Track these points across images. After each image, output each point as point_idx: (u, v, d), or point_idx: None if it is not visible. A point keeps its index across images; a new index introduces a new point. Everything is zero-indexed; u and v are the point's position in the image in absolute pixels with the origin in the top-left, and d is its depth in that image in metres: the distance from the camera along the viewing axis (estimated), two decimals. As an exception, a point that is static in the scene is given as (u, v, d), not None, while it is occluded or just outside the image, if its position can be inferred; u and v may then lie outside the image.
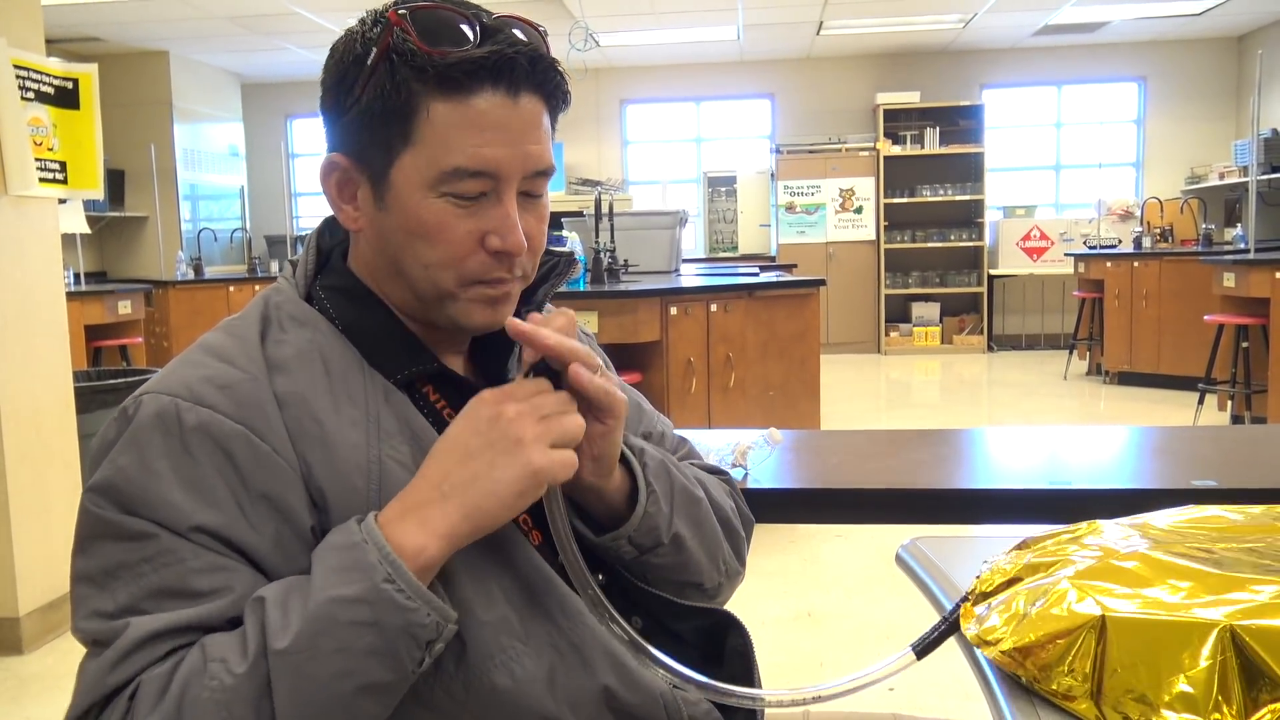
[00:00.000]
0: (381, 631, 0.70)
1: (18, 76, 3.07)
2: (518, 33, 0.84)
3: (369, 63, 0.80)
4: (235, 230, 9.78)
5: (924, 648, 0.77)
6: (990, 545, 0.92)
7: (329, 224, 0.94)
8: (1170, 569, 0.69)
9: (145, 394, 0.79)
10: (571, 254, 0.99)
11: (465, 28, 0.81)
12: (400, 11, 0.81)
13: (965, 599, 0.79)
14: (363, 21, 0.83)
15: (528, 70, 0.81)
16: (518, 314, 0.93)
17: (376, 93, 0.80)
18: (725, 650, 0.96)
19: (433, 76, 0.79)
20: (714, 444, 1.58)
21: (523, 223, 0.84)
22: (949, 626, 0.78)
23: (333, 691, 0.69)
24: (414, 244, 0.83)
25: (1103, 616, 0.64)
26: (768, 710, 1.00)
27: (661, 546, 0.90)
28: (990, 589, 0.77)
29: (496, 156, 0.81)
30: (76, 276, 6.36)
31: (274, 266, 9.22)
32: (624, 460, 0.89)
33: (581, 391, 0.80)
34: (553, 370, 0.81)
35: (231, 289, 8.20)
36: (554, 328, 0.81)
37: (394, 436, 0.83)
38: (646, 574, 0.93)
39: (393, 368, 0.87)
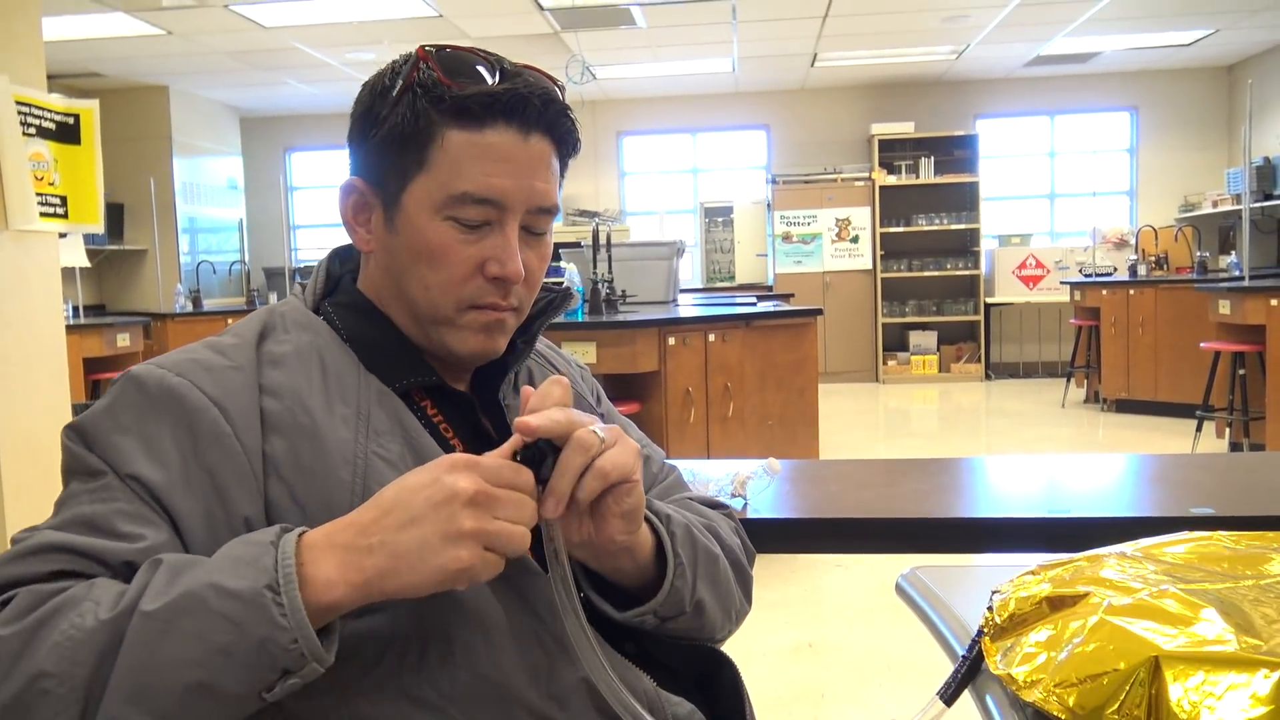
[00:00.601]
0: (242, 635, 0.67)
1: (19, 112, 3.10)
2: (535, 79, 0.89)
3: (395, 93, 0.87)
4: (234, 263, 9.81)
5: (950, 694, 0.75)
6: (991, 574, 0.93)
7: (339, 253, 0.98)
8: (1203, 608, 0.66)
9: (144, 364, 0.85)
10: (568, 290, 1.02)
11: (485, 69, 0.88)
12: (428, 49, 0.87)
13: (982, 633, 0.76)
14: (394, 61, 0.90)
15: (540, 110, 0.87)
16: (512, 344, 0.96)
17: (398, 120, 0.86)
18: (719, 683, 0.96)
19: (450, 107, 0.85)
20: (713, 474, 1.58)
21: (523, 257, 0.88)
22: (971, 666, 0.76)
23: (173, 677, 0.67)
24: (418, 265, 0.88)
25: (1156, 657, 0.61)
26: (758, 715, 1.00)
27: (683, 614, 0.91)
28: (1007, 623, 0.74)
29: (503, 186, 0.86)
30: (75, 309, 6.37)
31: (272, 298, 9.24)
32: (650, 524, 0.89)
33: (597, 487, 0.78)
34: (553, 447, 0.77)
35: (230, 321, 8.16)
36: (553, 401, 0.78)
37: (383, 435, 0.85)
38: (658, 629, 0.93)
39: (391, 376, 0.89)
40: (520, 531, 0.73)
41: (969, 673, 0.75)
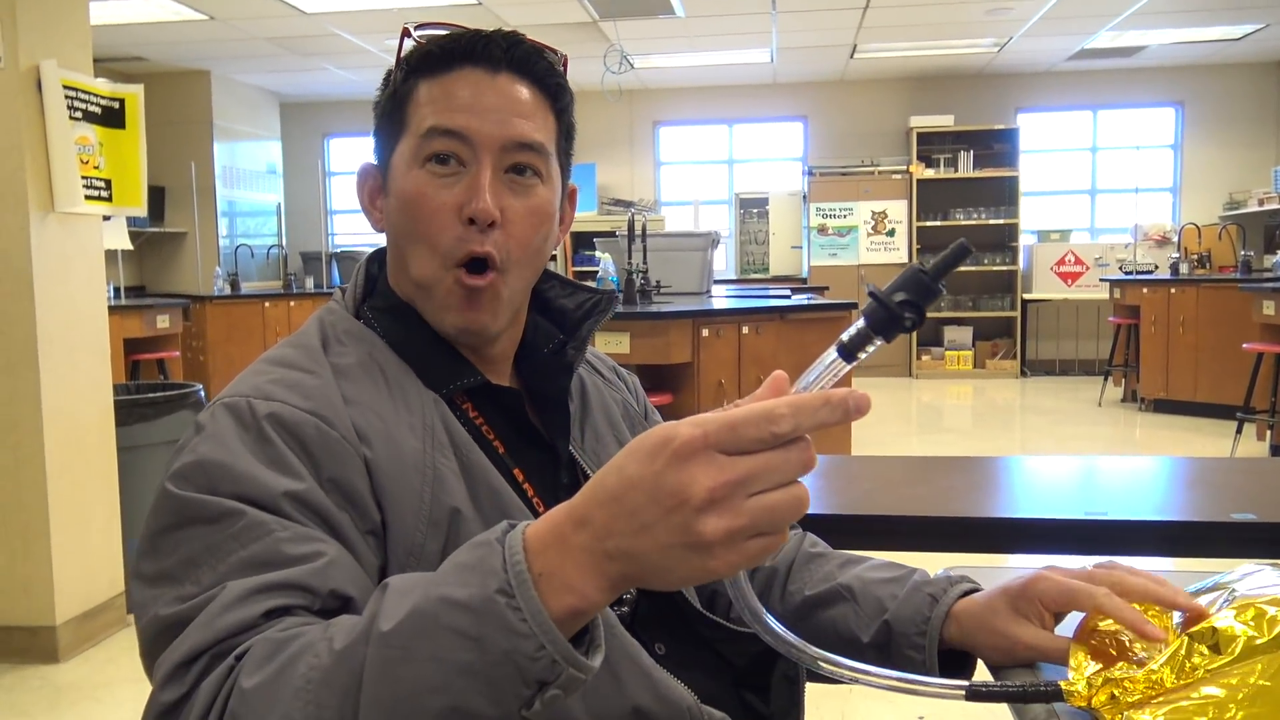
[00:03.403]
0: (482, 651, 0.58)
1: (66, 96, 3.15)
2: (506, 30, 0.90)
3: (391, 74, 0.92)
4: (271, 247, 9.91)
5: (979, 694, 0.70)
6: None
7: (377, 255, 0.98)
8: None
9: (216, 402, 0.81)
10: (613, 293, 1.01)
11: (462, 31, 0.90)
12: (411, 25, 0.91)
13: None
14: None
15: (504, 49, 0.88)
16: (561, 350, 0.96)
17: (388, 94, 0.91)
18: (772, 678, 0.95)
19: (418, 61, 0.88)
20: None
21: (506, 205, 0.87)
22: (1022, 695, 0.72)
23: (420, 705, 0.59)
24: (405, 223, 0.88)
25: None
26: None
27: None
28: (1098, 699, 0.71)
29: (468, 121, 0.86)
30: (116, 290, 6.46)
31: (309, 283, 9.34)
32: None
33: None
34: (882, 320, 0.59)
35: (267, 305, 8.30)
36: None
37: (446, 447, 0.84)
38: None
39: (437, 381, 0.89)
40: (792, 497, 0.56)
41: (1015, 696, 0.71)
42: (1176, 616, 0.76)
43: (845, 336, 0.61)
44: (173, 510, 0.73)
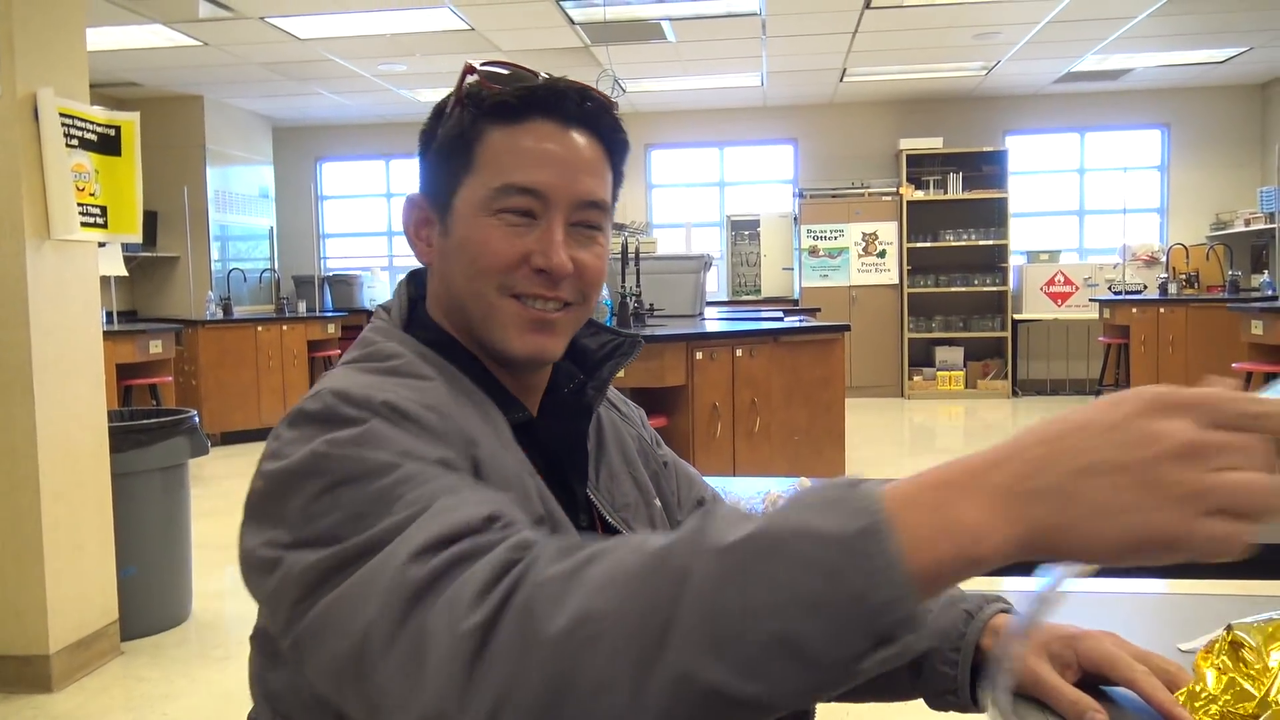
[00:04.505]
0: (835, 587, 0.52)
1: (63, 124, 3.16)
2: (574, 81, 0.91)
3: (448, 108, 0.91)
4: (264, 271, 9.91)
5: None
6: (1018, 599, 0.94)
7: (415, 276, 0.99)
8: None
9: (322, 390, 0.78)
10: (636, 336, 1.02)
11: (526, 74, 0.91)
12: (473, 62, 0.91)
13: None
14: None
15: (577, 104, 0.89)
16: (581, 391, 0.97)
17: (449, 131, 0.90)
18: None
19: (490, 106, 0.88)
20: (743, 492, 1.59)
21: (575, 254, 0.89)
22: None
23: (749, 625, 0.53)
24: (465, 262, 0.88)
25: None
26: None
27: None
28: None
29: (544, 178, 0.87)
30: (109, 315, 6.45)
31: (301, 306, 9.33)
32: None
33: None
34: None
35: (259, 329, 8.29)
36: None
37: (525, 463, 0.86)
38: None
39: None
40: (1263, 481, 0.52)
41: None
42: None
43: None
44: (326, 468, 0.70)
